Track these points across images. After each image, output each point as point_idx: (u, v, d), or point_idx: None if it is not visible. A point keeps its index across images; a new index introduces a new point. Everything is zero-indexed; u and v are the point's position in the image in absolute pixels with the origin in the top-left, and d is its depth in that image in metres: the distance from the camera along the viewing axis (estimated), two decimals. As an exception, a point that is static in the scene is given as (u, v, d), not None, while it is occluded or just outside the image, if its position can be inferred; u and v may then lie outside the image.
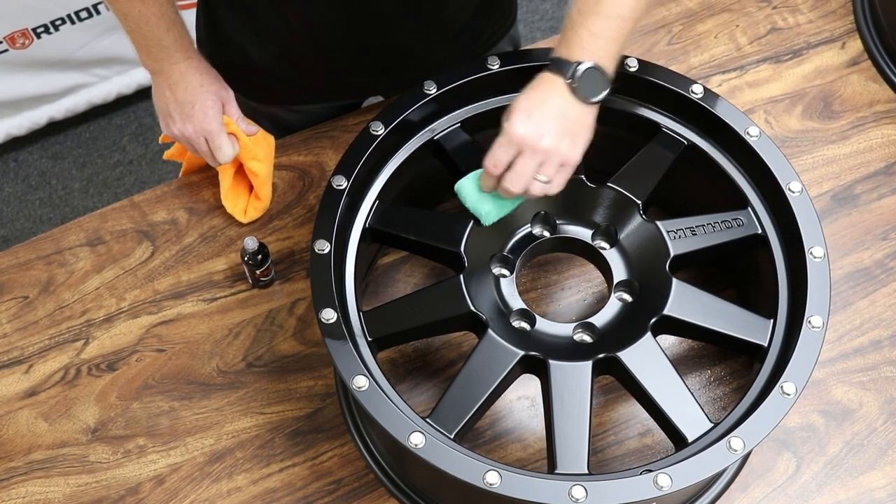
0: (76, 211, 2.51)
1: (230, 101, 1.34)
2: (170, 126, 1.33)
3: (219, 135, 1.31)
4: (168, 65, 1.29)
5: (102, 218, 1.43)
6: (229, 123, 1.33)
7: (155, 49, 1.28)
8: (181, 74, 1.30)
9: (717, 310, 1.15)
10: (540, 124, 1.08)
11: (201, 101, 1.30)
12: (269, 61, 1.37)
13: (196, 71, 1.31)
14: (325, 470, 1.26)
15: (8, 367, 1.33)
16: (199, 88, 1.30)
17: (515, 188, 1.10)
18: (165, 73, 1.30)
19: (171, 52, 1.29)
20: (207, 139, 1.32)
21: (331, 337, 1.08)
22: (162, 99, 1.33)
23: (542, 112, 1.08)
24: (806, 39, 1.57)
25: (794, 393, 1.05)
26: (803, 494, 1.24)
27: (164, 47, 1.28)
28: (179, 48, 1.29)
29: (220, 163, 1.34)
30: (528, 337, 1.15)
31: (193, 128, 1.31)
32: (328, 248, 1.13)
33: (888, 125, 1.50)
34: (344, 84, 1.42)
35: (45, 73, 2.43)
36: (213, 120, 1.31)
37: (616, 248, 1.22)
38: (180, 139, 1.34)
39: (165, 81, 1.31)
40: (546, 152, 1.08)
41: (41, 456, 1.27)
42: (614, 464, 1.26)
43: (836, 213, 1.43)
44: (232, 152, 1.34)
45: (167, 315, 1.35)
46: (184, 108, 1.31)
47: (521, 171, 1.09)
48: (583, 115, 1.10)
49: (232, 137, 1.34)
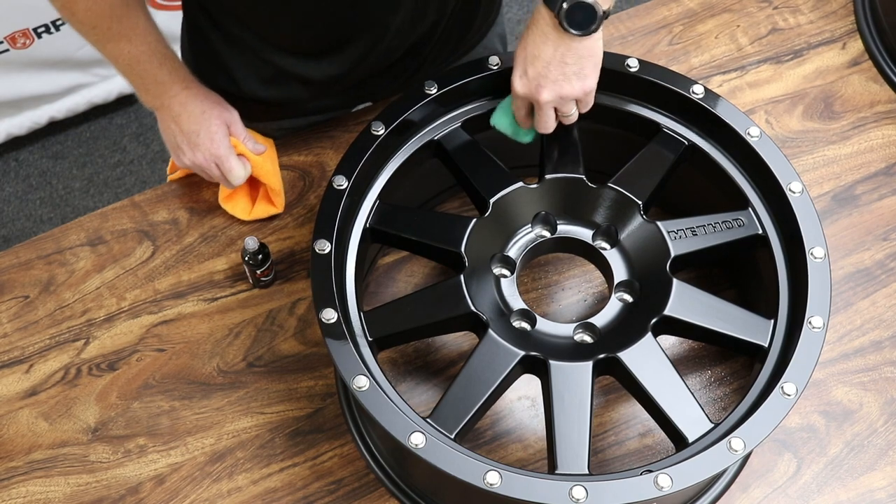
0: (77, 210, 2.51)
1: (235, 122, 1.34)
2: (181, 157, 1.33)
3: (228, 158, 1.31)
4: (168, 98, 1.29)
5: (103, 217, 1.43)
6: (237, 145, 1.33)
7: (152, 86, 1.29)
8: (182, 105, 1.30)
9: (718, 310, 1.15)
10: (536, 78, 1.12)
11: (206, 127, 1.30)
12: (254, 84, 1.37)
13: (196, 98, 1.30)
14: (325, 470, 1.26)
15: (8, 367, 1.33)
16: (201, 115, 1.30)
17: (546, 130, 1.19)
18: (167, 106, 1.30)
19: (169, 86, 1.29)
20: (218, 164, 1.31)
21: (331, 337, 1.08)
22: (168, 132, 1.33)
23: (535, 65, 1.12)
24: (807, 40, 1.57)
25: (794, 393, 1.05)
26: (804, 495, 1.24)
27: (161, 82, 1.28)
28: (176, 80, 1.29)
29: (234, 185, 1.34)
30: (529, 337, 1.15)
31: (203, 155, 1.31)
32: (329, 247, 1.13)
33: (889, 125, 1.50)
34: (331, 97, 1.41)
35: (45, 73, 2.43)
36: (221, 144, 1.31)
37: (617, 249, 1.22)
38: (193, 168, 1.34)
39: (168, 115, 1.31)
40: (552, 100, 1.14)
41: (41, 456, 1.27)
42: (615, 464, 1.26)
43: (836, 214, 1.43)
44: (244, 173, 1.33)
45: (168, 315, 1.35)
46: (190, 137, 1.30)
47: (542, 120, 1.17)
48: (582, 50, 1.11)
49: (242, 159, 1.34)
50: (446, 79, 1.23)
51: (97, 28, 1.22)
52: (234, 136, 1.33)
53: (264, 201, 1.41)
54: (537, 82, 1.13)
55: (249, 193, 1.41)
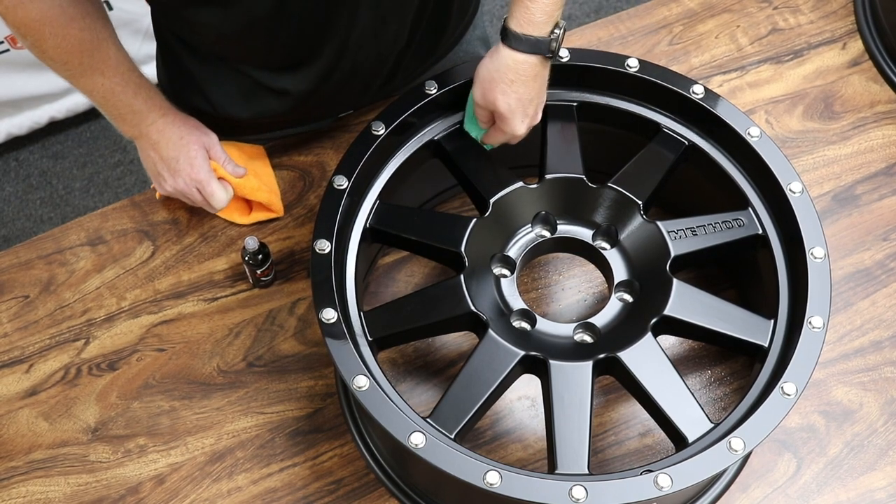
0: (77, 210, 2.52)
1: (213, 145, 1.34)
2: (162, 185, 1.34)
3: (209, 182, 1.32)
4: (145, 126, 1.30)
5: (103, 217, 1.43)
6: (217, 169, 1.34)
7: (129, 115, 1.29)
8: (160, 132, 1.30)
9: (718, 310, 1.15)
10: (534, 114, 1.19)
11: (185, 152, 1.31)
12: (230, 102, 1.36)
13: (174, 125, 1.31)
14: (325, 470, 1.26)
15: (8, 367, 1.33)
16: (179, 141, 1.31)
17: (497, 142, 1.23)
18: (145, 135, 1.30)
19: (146, 114, 1.29)
20: (199, 189, 1.32)
21: (331, 337, 1.08)
22: (149, 160, 1.33)
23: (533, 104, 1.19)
24: (807, 40, 1.57)
25: (794, 393, 1.05)
26: (804, 495, 1.24)
27: (137, 111, 1.28)
28: (152, 108, 1.29)
29: (216, 209, 1.35)
30: (529, 337, 1.15)
31: (184, 181, 1.31)
32: (329, 247, 1.13)
33: (889, 126, 1.50)
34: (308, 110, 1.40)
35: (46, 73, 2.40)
36: (201, 169, 1.31)
37: (617, 249, 1.22)
38: (175, 195, 1.35)
39: (147, 143, 1.31)
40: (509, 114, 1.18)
41: (41, 455, 1.27)
42: (615, 464, 1.26)
43: (836, 214, 1.43)
44: (226, 197, 1.34)
45: (168, 315, 1.35)
46: (170, 163, 1.31)
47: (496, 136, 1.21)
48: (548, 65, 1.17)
49: (223, 182, 1.34)
50: (446, 79, 1.23)
51: (68, 64, 1.21)
52: (213, 160, 1.34)
53: (261, 209, 1.41)
54: (536, 114, 1.20)
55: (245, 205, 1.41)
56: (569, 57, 1.24)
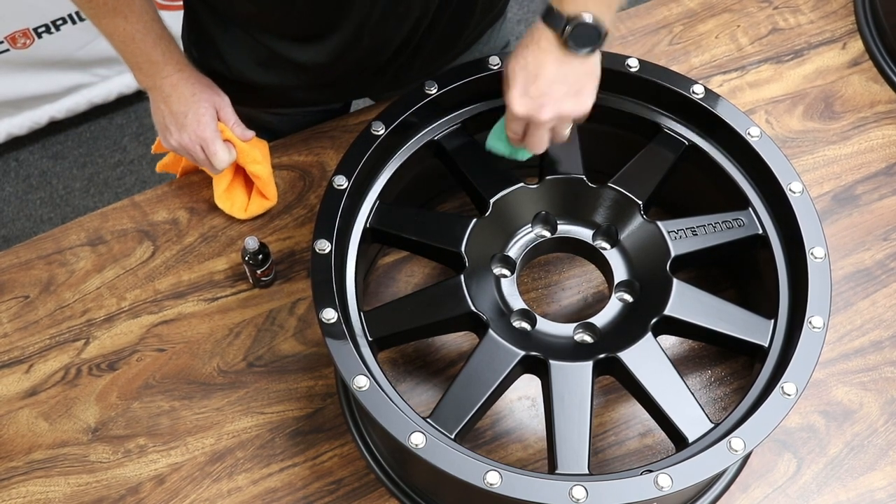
0: (77, 210, 2.52)
1: (224, 106, 1.34)
2: (167, 138, 1.34)
3: (213, 141, 1.32)
4: (160, 79, 1.30)
5: (103, 217, 1.43)
6: (224, 130, 1.34)
7: (145, 65, 1.29)
8: (173, 87, 1.30)
9: (718, 310, 1.15)
10: (537, 98, 1.10)
11: (194, 109, 1.31)
12: (245, 67, 1.37)
13: (187, 81, 1.31)
14: (325, 470, 1.26)
15: (8, 367, 1.33)
16: (191, 98, 1.31)
17: (539, 150, 1.17)
18: (158, 87, 1.31)
19: (161, 66, 1.29)
20: (203, 146, 1.32)
21: (331, 337, 1.08)
22: (158, 113, 1.34)
23: (538, 84, 1.10)
24: (807, 40, 1.57)
25: (794, 393, 1.05)
26: (804, 495, 1.24)
27: (154, 62, 1.29)
28: (169, 61, 1.29)
29: (218, 169, 1.35)
30: (529, 337, 1.15)
31: (189, 136, 1.32)
32: (329, 247, 1.13)
33: (889, 126, 1.50)
34: (322, 87, 1.41)
35: (46, 73, 2.43)
36: (207, 127, 1.31)
37: (617, 249, 1.22)
38: (178, 150, 1.35)
39: (159, 95, 1.32)
40: (552, 119, 1.12)
41: (41, 456, 1.27)
42: (615, 464, 1.26)
43: (836, 214, 1.43)
44: (228, 158, 1.34)
45: (168, 315, 1.35)
46: (178, 118, 1.31)
47: (535, 141, 1.15)
48: (582, 70, 1.10)
49: (228, 144, 1.34)
50: (446, 79, 1.23)
51: (94, 1, 1.22)
52: (222, 122, 1.34)
53: (258, 196, 1.41)
54: (540, 101, 1.11)
55: (244, 189, 1.41)
56: (569, 57, 1.24)
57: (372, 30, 1.27)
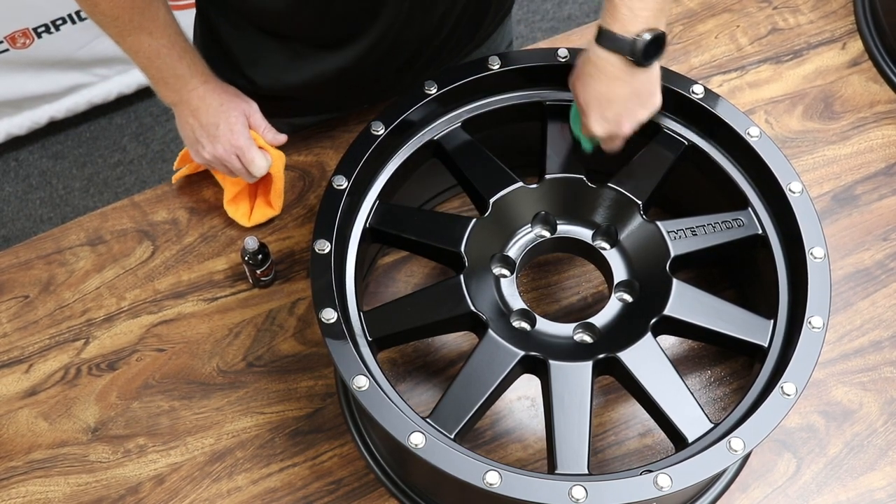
0: (76, 210, 2.52)
1: (254, 112, 1.33)
2: (200, 152, 1.32)
3: (249, 149, 1.30)
4: (186, 92, 1.29)
5: (103, 217, 1.43)
6: (256, 138, 1.32)
7: (171, 79, 1.28)
8: (201, 99, 1.29)
9: (718, 310, 1.15)
10: (616, 118, 1.15)
11: (225, 119, 1.29)
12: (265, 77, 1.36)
13: (214, 92, 1.30)
14: (325, 470, 1.26)
15: (8, 367, 1.33)
16: (220, 108, 1.29)
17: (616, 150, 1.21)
18: (185, 101, 1.29)
19: (188, 80, 1.28)
20: (239, 155, 1.30)
21: (331, 337, 1.08)
22: (187, 127, 1.32)
23: (613, 109, 1.15)
24: (806, 40, 1.57)
25: (794, 393, 1.05)
26: (803, 495, 1.24)
27: (180, 76, 1.28)
28: (195, 74, 1.28)
29: (256, 176, 1.33)
30: (529, 337, 1.15)
31: (223, 147, 1.30)
32: (328, 247, 1.13)
33: (889, 126, 1.50)
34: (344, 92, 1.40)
35: (45, 73, 2.44)
36: (241, 135, 1.30)
37: (616, 249, 1.22)
38: (212, 162, 1.33)
39: (187, 109, 1.30)
40: (632, 130, 1.17)
41: (41, 455, 1.27)
42: (614, 464, 1.26)
43: (836, 214, 1.43)
44: (266, 164, 1.32)
45: (167, 315, 1.35)
46: (209, 129, 1.30)
47: (615, 146, 1.21)
48: (648, 78, 1.14)
49: (262, 150, 1.33)
50: (446, 79, 1.23)
51: (119, 20, 1.21)
52: (253, 128, 1.33)
53: (263, 205, 1.41)
54: (618, 121, 1.16)
55: (253, 196, 1.41)
56: (568, 57, 1.24)
57: (399, 28, 1.26)
